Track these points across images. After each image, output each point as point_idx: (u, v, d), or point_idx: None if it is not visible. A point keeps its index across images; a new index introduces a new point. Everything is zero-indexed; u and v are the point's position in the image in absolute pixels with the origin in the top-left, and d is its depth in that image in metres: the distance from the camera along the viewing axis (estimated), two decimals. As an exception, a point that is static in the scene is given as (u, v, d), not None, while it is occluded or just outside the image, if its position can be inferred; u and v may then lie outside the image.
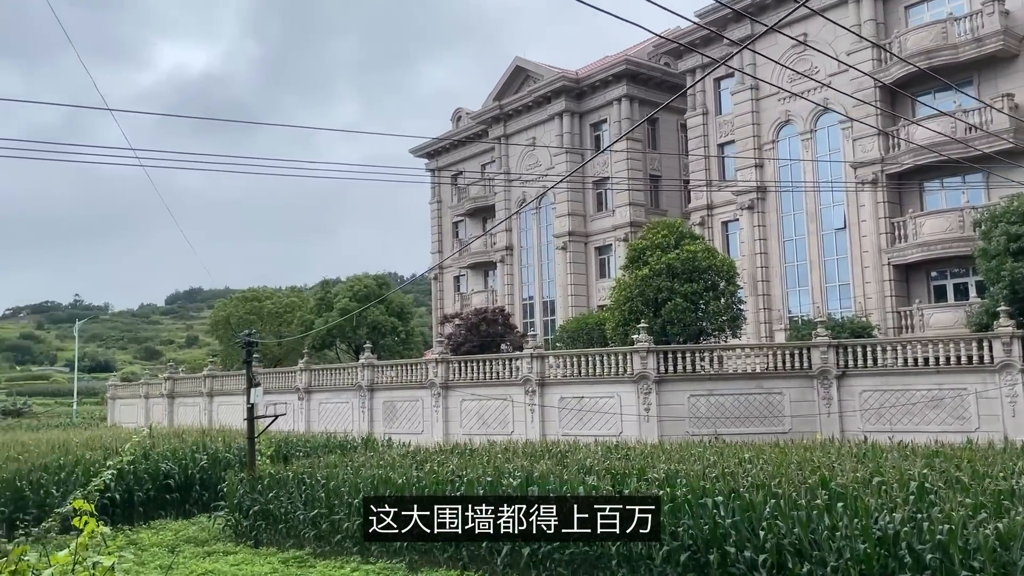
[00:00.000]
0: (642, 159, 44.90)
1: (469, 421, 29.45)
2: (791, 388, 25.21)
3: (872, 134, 32.57)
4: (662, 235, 29.78)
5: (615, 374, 26.31)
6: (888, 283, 32.17)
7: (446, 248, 58.01)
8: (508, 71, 50.19)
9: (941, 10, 31.92)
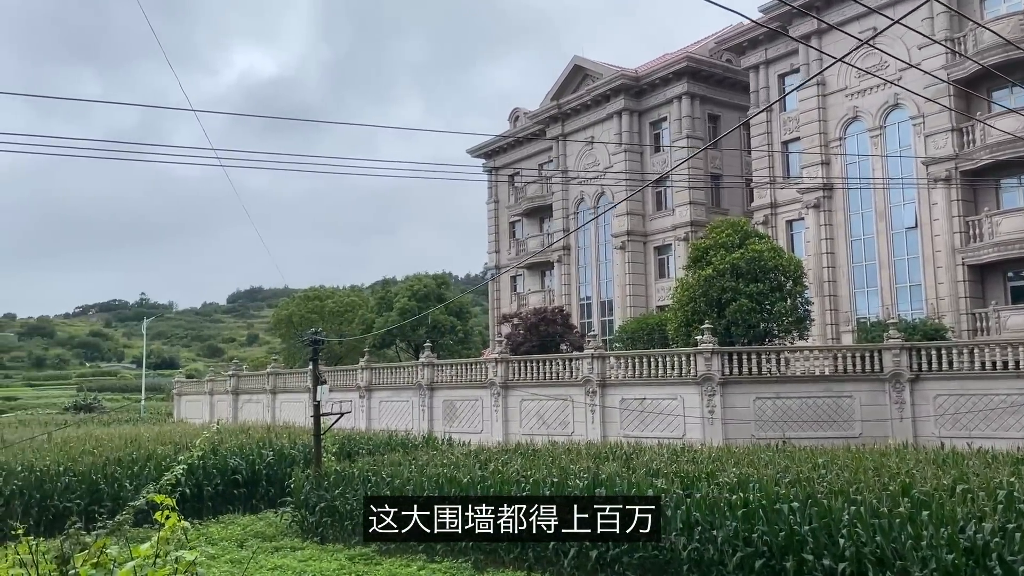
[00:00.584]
0: (703, 157, 44.20)
1: (529, 421, 29.36)
2: (861, 391, 24.49)
3: (945, 130, 31.48)
4: (726, 234, 29.24)
5: (678, 375, 25.92)
6: (962, 284, 31.02)
7: (503, 247, 58.04)
8: (566, 70, 49.97)
9: (1019, 0, 30.65)
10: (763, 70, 40.36)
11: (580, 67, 49.51)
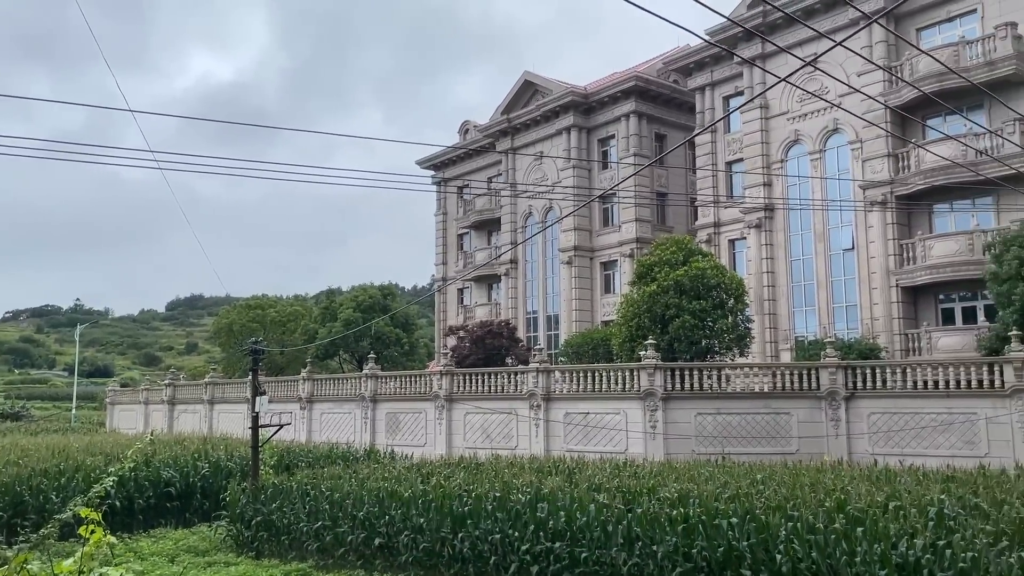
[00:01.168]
0: (649, 175, 44.84)
1: (473, 435, 29.21)
2: (799, 409, 24.99)
3: (882, 155, 32.51)
4: (671, 251, 29.64)
5: (621, 390, 26.09)
6: (896, 305, 31.99)
7: (451, 260, 57.87)
8: (517, 85, 50.25)
9: (953, 33, 31.92)
10: (709, 92, 41.18)
11: (531, 82, 49.84)
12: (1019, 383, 21.86)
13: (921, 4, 32.70)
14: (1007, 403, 22.05)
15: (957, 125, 31.06)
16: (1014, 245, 23.69)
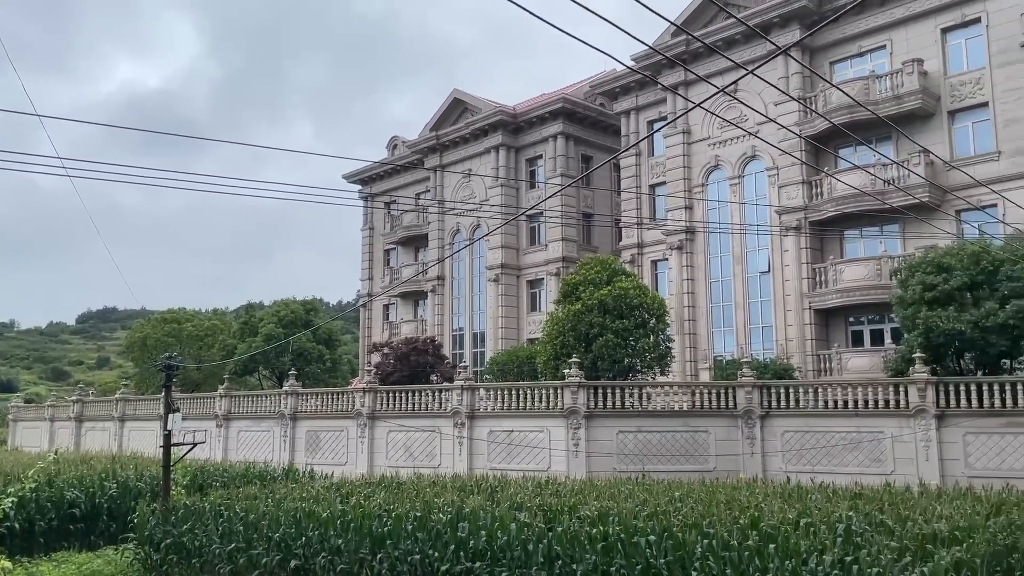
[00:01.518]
0: (576, 196, 45.46)
1: (395, 453, 28.87)
2: (716, 427, 25.58)
3: (797, 182, 33.77)
4: (595, 271, 30.05)
5: (545, 408, 26.24)
6: (809, 327, 33.14)
7: (376, 275, 57.32)
8: (446, 102, 50.34)
9: (864, 67, 33.50)
10: (634, 116, 42.07)
11: (460, 100, 50.00)
12: (922, 403, 22.90)
13: (835, 39, 34.23)
14: (911, 422, 23.06)
15: (868, 155, 32.52)
16: (918, 271, 24.86)
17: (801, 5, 33.31)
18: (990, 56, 30.30)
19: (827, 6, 33.68)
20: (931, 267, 24.46)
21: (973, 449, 22.31)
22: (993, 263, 23.71)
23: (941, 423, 22.69)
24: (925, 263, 24.89)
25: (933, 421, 22.70)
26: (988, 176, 28.90)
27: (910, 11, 32.08)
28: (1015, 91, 29.44)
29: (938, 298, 23.88)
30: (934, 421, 22.69)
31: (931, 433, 22.68)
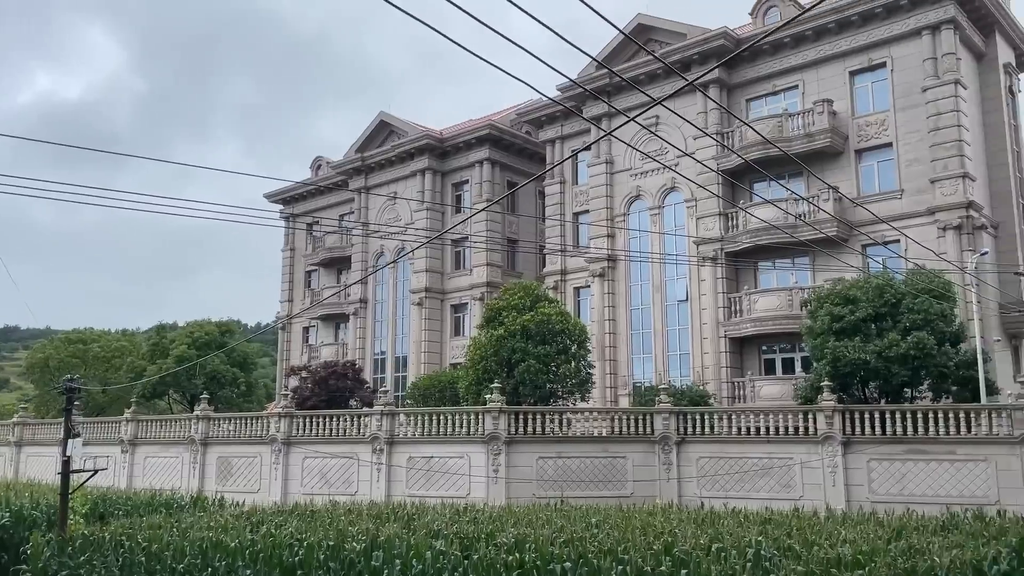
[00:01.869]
0: (501, 221, 45.76)
1: (311, 480, 28.17)
2: (634, 453, 25.87)
3: (714, 214, 34.78)
4: (519, 296, 30.19)
5: (466, 434, 26.06)
6: (724, 355, 34.01)
7: (297, 297, 56.25)
8: (372, 124, 50.10)
9: (778, 105, 34.87)
10: (559, 144, 42.69)
11: (387, 123, 49.84)
12: (829, 430, 23.70)
13: (751, 77, 35.58)
14: (819, 449, 23.82)
15: (782, 190, 33.74)
16: (827, 302, 25.85)
17: (719, 44, 34.54)
18: (894, 99, 31.97)
19: (744, 46, 34.99)
20: (838, 299, 25.47)
21: (876, 475, 23.16)
22: (896, 296, 24.84)
23: (847, 450, 23.51)
24: (833, 295, 25.90)
25: (839, 448, 23.50)
26: (891, 213, 30.41)
27: (821, 53, 33.63)
28: (916, 133, 31.10)
29: (845, 329, 24.85)
30: (840, 448, 23.49)
31: (837, 459, 23.46)
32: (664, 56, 36.12)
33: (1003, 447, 21.90)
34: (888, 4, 31.56)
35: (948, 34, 30.78)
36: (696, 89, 33.94)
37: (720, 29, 34.83)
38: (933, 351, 23.85)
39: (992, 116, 33.23)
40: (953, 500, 21.41)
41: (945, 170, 30.10)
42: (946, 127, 30.26)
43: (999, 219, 32.40)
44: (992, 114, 33.25)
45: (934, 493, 22.17)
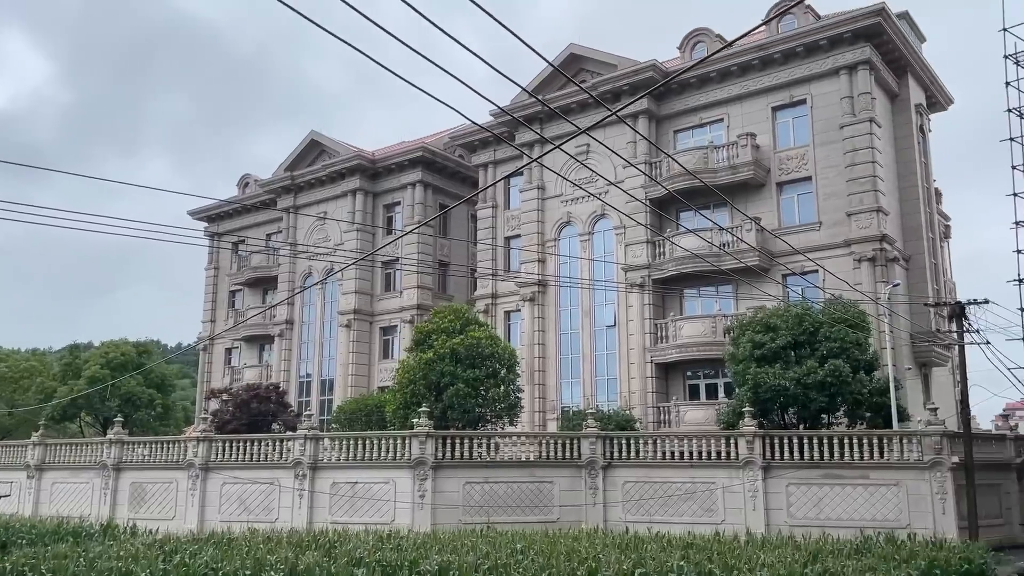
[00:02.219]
0: (432, 244, 45.63)
1: (229, 506, 27.29)
2: (561, 477, 25.91)
3: (642, 241, 35.42)
4: (449, 320, 30.07)
5: (392, 459, 25.70)
6: (650, 380, 34.49)
7: (220, 317, 54.81)
8: (303, 143, 49.49)
9: (704, 137, 35.85)
10: (491, 169, 42.92)
11: (317, 142, 49.32)
12: (750, 455, 24.22)
13: (679, 109, 36.53)
14: (740, 473, 24.30)
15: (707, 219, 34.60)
16: (748, 330, 26.54)
17: (648, 76, 35.40)
18: (814, 135, 33.24)
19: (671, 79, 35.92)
20: (760, 327, 26.19)
21: (795, 499, 23.74)
22: (814, 325, 25.68)
23: (767, 474, 24.05)
24: (755, 323, 26.61)
25: (760, 472, 24.02)
26: (811, 244, 31.52)
27: (745, 89, 34.79)
28: (834, 168, 32.37)
29: (766, 356, 25.54)
30: (761, 472, 24.02)
31: (758, 484, 23.97)
32: (595, 86, 36.83)
33: (913, 472, 22.74)
34: (808, 44, 32.91)
35: (864, 74, 32.24)
36: (622, 121, 34.67)
37: (649, 62, 35.72)
38: (849, 378, 24.69)
39: (905, 154, 34.85)
40: (867, 524, 22.10)
41: (861, 204, 31.38)
42: (862, 163, 31.59)
43: (910, 252, 33.89)
44: (905, 152, 34.86)
45: (849, 517, 22.85)
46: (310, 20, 8.44)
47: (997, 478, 25.62)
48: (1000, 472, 25.92)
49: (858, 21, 31.78)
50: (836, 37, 32.32)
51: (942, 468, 22.41)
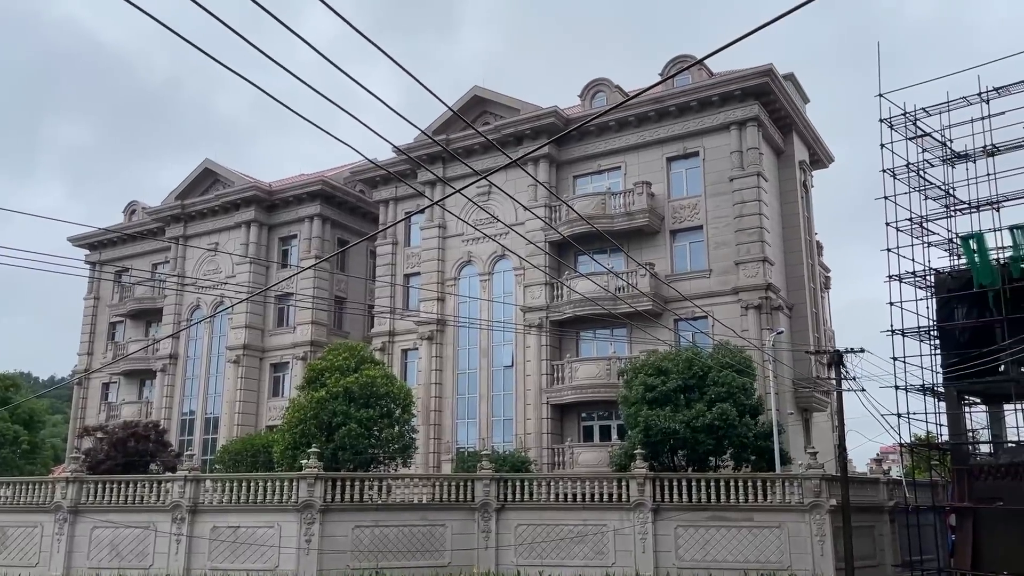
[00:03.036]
0: (329, 279, 44.74)
1: (100, 553, 25.56)
2: (454, 520, 25.52)
3: (540, 283, 35.81)
4: (343, 357, 29.38)
5: (279, 502, 24.72)
6: (546, 421, 34.63)
7: (98, 350, 51.88)
8: (196, 171, 47.94)
9: (603, 183, 36.76)
10: (392, 205, 42.64)
11: (211, 171, 47.88)
12: (641, 497, 24.54)
13: (578, 155, 37.40)
14: (631, 515, 24.57)
15: (605, 263, 35.36)
16: (641, 373, 27.08)
17: (550, 121, 36.17)
18: (705, 186, 34.60)
19: (573, 126, 36.83)
20: (652, 370, 26.77)
21: (683, 541, 24.14)
22: (703, 369, 26.45)
23: (656, 516, 24.40)
24: (647, 366, 27.19)
25: (650, 514, 24.35)
26: (701, 291, 32.63)
27: (642, 139, 35.99)
28: (723, 219, 33.74)
29: (657, 399, 26.08)
30: (651, 514, 24.34)
31: (647, 526, 24.26)
32: (498, 128, 37.34)
33: (794, 514, 23.55)
34: (701, 99, 34.42)
35: (753, 130, 33.92)
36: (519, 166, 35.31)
37: (551, 108, 36.52)
38: (735, 422, 25.48)
39: (789, 207, 36.72)
40: (751, 565, 22.70)
41: (748, 254, 32.76)
42: (749, 215, 33.06)
43: (794, 301, 35.55)
44: (789, 205, 36.74)
45: (734, 559, 23.38)
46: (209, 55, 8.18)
47: (871, 520, 26.84)
48: (874, 514, 27.17)
49: (748, 80, 33.51)
50: (727, 94, 33.95)
51: (821, 510, 23.29)
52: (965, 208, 27.41)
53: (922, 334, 26.72)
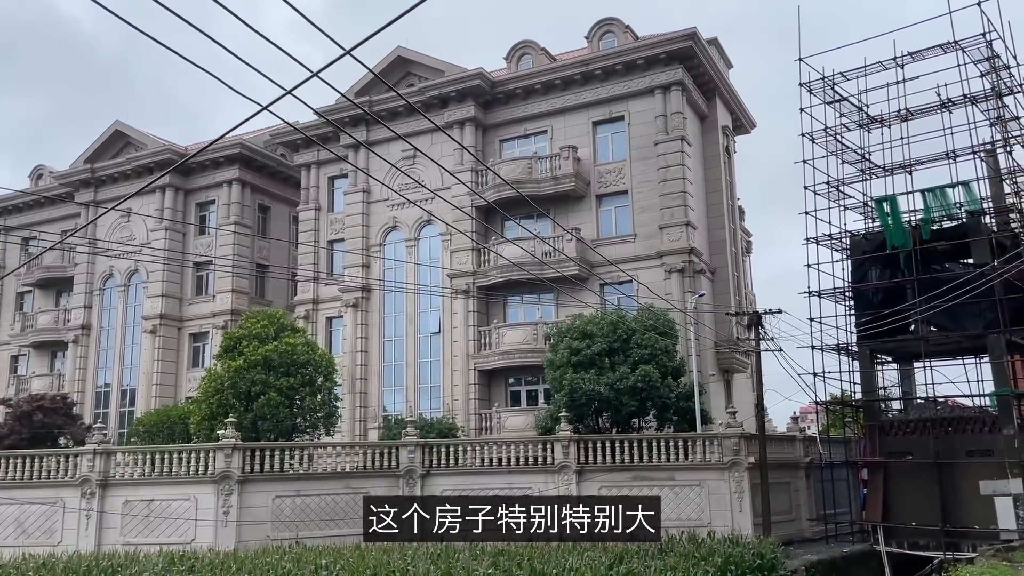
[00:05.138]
0: (250, 245, 43.41)
1: (4, 530, 24.36)
2: (378, 488, 25.17)
3: (467, 248, 35.41)
4: (261, 325, 28.55)
5: (195, 473, 23.95)
6: (473, 387, 34.47)
7: (5, 321, 49.44)
8: (106, 134, 45.70)
9: (529, 148, 36.43)
10: (315, 169, 41.49)
11: (122, 133, 45.72)
12: (565, 459, 24.66)
13: (505, 119, 36.91)
14: (555, 478, 24.68)
15: (532, 226, 35.12)
16: (566, 337, 27.10)
17: (475, 84, 35.54)
18: (630, 150, 34.60)
19: (498, 88, 36.28)
20: (577, 333, 26.80)
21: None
22: (627, 332, 26.60)
23: (581, 477, 24.57)
24: (572, 329, 27.20)
25: (574, 476, 24.51)
26: (626, 255, 32.73)
27: (567, 103, 35.69)
28: (648, 183, 33.83)
29: (582, 362, 26.15)
30: (575, 476, 24.51)
31: (572, 487, 24.36)
32: (423, 91, 36.53)
33: (714, 472, 24.02)
34: (627, 62, 34.27)
35: (677, 95, 33.97)
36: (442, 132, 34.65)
37: (476, 70, 35.87)
38: (658, 384, 25.76)
39: (712, 172, 37.07)
40: (672, 523, 23.01)
41: (672, 218, 32.98)
42: (673, 179, 33.22)
43: (716, 265, 36.06)
44: (712, 170, 37.09)
45: (656, 517, 23.70)
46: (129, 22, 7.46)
47: (788, 476, 27.63)
48: (790, 471, 27.97)
49: (672, 43, 33.48)
50: (652, 57, 33.87)
51: (740, 468, 23.81)
52: (880, 172, 28.08)
53: (837, 295, 27.39)
